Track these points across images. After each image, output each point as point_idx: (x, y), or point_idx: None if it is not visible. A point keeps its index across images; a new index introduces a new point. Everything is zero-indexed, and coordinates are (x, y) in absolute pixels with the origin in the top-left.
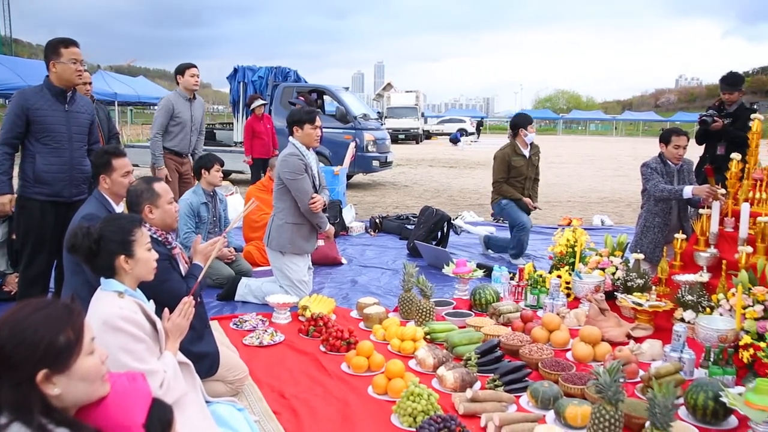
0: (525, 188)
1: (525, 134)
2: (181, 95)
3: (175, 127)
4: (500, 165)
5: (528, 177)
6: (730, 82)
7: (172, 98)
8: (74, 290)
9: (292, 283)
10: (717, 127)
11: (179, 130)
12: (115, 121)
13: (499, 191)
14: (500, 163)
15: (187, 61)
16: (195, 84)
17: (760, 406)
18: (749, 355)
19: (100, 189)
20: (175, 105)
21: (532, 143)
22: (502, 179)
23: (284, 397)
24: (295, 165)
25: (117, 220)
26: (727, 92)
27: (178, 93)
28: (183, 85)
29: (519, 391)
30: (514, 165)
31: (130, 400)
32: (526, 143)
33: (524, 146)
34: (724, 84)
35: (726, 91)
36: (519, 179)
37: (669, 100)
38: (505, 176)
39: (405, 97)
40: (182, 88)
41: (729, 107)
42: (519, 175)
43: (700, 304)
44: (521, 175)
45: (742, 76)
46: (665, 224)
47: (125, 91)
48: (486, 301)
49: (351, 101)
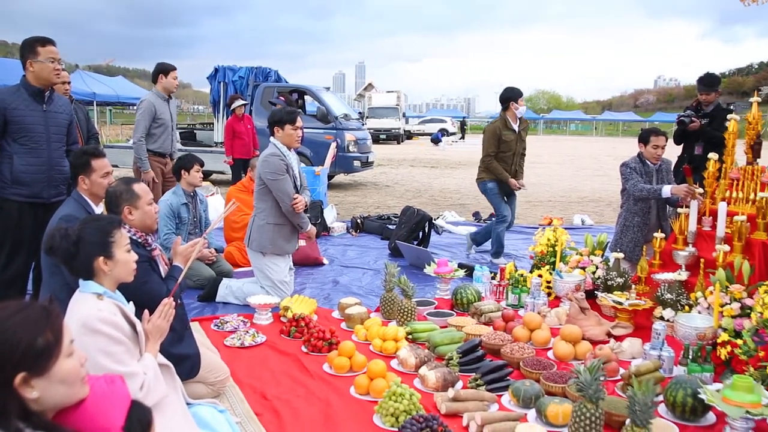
0: (513, 164)
1: (516, 107)
2: (159, 96)
3: (157, 129)
4: (490, 139)
5: (516, 152)
6: (706, 83)
7: (153, 100)
8: (52, 292)
9: (273, 284)
10: (695, 128)
11: (162, 131)
12: (94, 121)
13: (488, 167)
14: (490, 137)
15: (167, 62)
16: (176, 86)
17: (737, 403)
18: (727, 353)
19: (79, 190)
20: (156, 107)
21: (521, 118)
22: (492, 153)
23: (266, 398)
24: (276, 165)
25: (96, 222)
26: (704, 93)
27: (156, 94)
28: (164, 85)
29: (501, 390)
30: (505, 139)
31: (108, 402)
32: (516, 117)
33: (514, 120)
34: (701, 85)
35: (703, 92)
36: (508, 154)
37: (648, 100)
38: (495, 150)
39: (386, 98)
40: (161, 88)
41: (706, 107)
42: (508, 150)
43: (679, 303)
44: (510, 150)
45: (719, 77)
46: (644, 223)
47: (104, 91)
48: (467, 301)
49: (332, 101)
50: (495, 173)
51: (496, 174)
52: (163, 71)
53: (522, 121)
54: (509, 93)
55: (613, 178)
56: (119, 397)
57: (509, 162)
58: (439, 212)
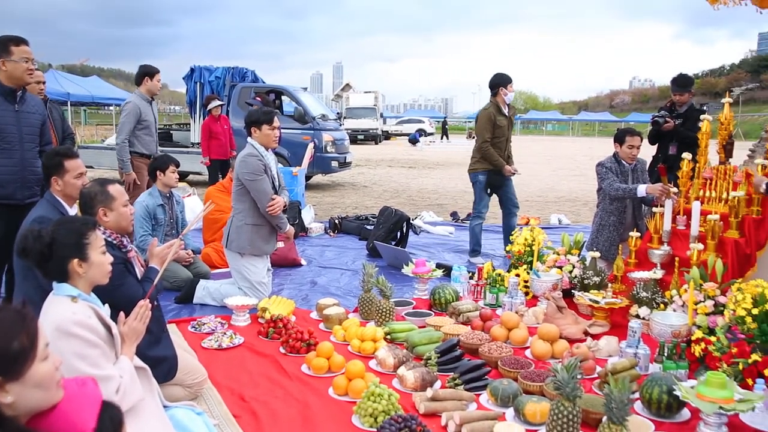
0: (505, 150)
1: (505, 93)
2: (143, 98)
3: (142, 131)
4: (486, 124)
5: (508, 138)
6: (680, 84)
7: (137, 102)
8: (25, 295)
9: (252, 285)
10: (669, 128)
11: (146, 132)
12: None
13: (484, 155)
14: (486, 122)
15: (151, 65)
16: (159, 88)
17: (711, 399)
18: (701, 349)
19: (52, 191)
20: (141, 109)
21: (509, 104)
22: (488, 139)
23: (244, 400)
24: (254, 166)
25: (70, 223)
26: (678, 93)
27: (140, 96)
28: (148, 88)
29: (479, 389)
30: (499, 125)
31: (80, 404)
32: (505, 102)
33: (504, 106)
34: (675, 85)
35: (677, 92)
36: (501, 140)
37: (623, 100)
38: (491, 136)
39: (364, 98)
40: (145, 90)
41: (680, 108)
42: (501, 135)
43: (654, 301)
44: (503, 135)
45: (692, 78)
46: (620, 222)
47: (78, 91)
48: (445, 301)
49: (309, 102)
50: (491, 160)
51: (492, 161)
52: (148, 74)
53: (510, 107)
54: (498, 79)
55: (590, 178)
56: (90, 398)
57: (503, 148)
58: (416, 212)
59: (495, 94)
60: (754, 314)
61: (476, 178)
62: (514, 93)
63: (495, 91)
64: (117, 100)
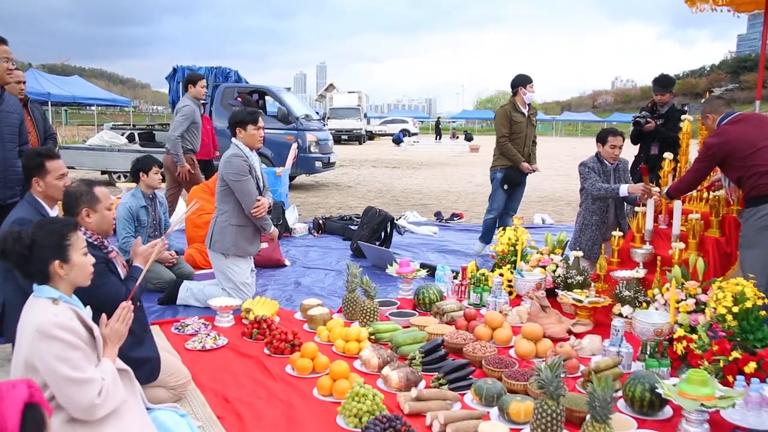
0: (525, 146)
1: (524, 93)
2: (194, 102)
3: (193, 130)
4: (502, 120)
5: (527, 136)
6: (662, 84)
7: (193, 105)
8: (6, 297)
9: (235, 286)
10: (650, 128)
11: (194, 131)
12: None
13: (503, 151)
14: (502, 118)
15: (193, 72)
16: (204, 93)
17: (693, 396)
18: (683, 347)
19: (33, 192)
20: (195, 111)
21: (529, 105)
22: (506, 134)
23: (228, 402)
24: (238, 166)
25: (51, 224)
26: (659, 93)
27: (191, 100)
28: (194, 93)
29: (463, 389)
30: (515, 121)
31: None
32: (525, 102)
33: (523, 105)
34: (657, 86)
35: (658, 92)
36: (520, 136)
37: (606, 101)
38: (509, 132)
39: (347, 98)
40: (192, 95)
41: (661, 108)
42: (519, 132)
43: (636, 300)
44: (521, 132)
45: (673, 78)
46: (603, 222)
47: (59, 91)
48: (430, 301)
49: (293, 102)
50: (508, 155)
51: (510, 156)
52: (191, 81)
53: (530, 107)
54: (518, 79)
55: (573, 178)
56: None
57: (521, 144)
58: (401, 212)
59: (515, 93)
60: (734, 312)
61: (494, 176)
62: (533, 92)
63: (515, 90)
64: (98, 100)
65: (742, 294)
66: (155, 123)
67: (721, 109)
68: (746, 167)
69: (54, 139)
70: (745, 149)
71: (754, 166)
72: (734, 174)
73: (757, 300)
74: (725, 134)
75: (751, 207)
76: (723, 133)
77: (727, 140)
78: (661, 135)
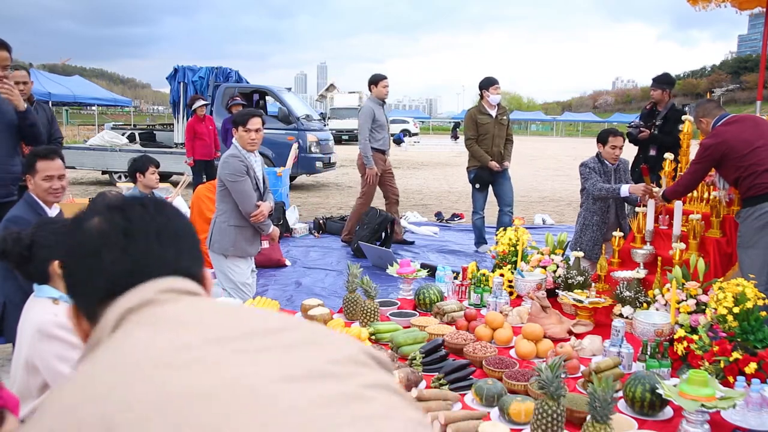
0: (492, 146)
1: (488, 95)
2: (375, 102)
3: (376, 130)
4: (468, 123)
5: (495, 135)
6: (659, 80)
7: (371, 105)
8: (6, 296)
9: (236, 286)
10: (644, 137)
11: (379, 131)
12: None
13: (471, 152)
14: (468, 121)
15: (377, 73)
16: (387, 93)
17: (693, 396)
18: (683, 348)
19: (30, 191)
20: (374, 111)
21: (499, 104)
22: (472, 137)
23: None
24: (234, 166)
25: (50, 224)
26: (655, 89)
27: (372, 100)
28: (376, 93)
29: (464, 389)
30: (480, 122)
31: None
32: (490, 104)
33: (489, 107)
34: (655, 82)
35: (655, 89)
36: (486, 137)
37: (606, 101)
38: (475, 134)
39: (348, 98)
40: (375, 95)
41: (661, 108)
42: (485, 132)
43: (637, 300)
44: (487, 132)
45: (673, 77)
46: (603, 222)
47: (60, 91)
48: (430, 301)
49: (294, 102)
50: (476, 156)
51: (476, 156)
52: (373, 81)
53: (500, 107)
54: (482, 82)
55: (573, 178)
56: None
57: (488, 144)
58: (401, 213)
59: (481, 96)
60: (735, 313)
61: (469, 176)
62: (499, 95)
63: (480, 93)
64: (99, 100)
65: (743, 294)
66: (156, 123)
67: (714, 112)
68: (743, 167)
69: (59, 142)
70: (741, 149)
71: (751, 166)
72: (731, 175)
73: (758, 300)
74: (721, 135)
75: (749, 206)
76: (719, 134)
77: (723, 140)
78: (657, 141)
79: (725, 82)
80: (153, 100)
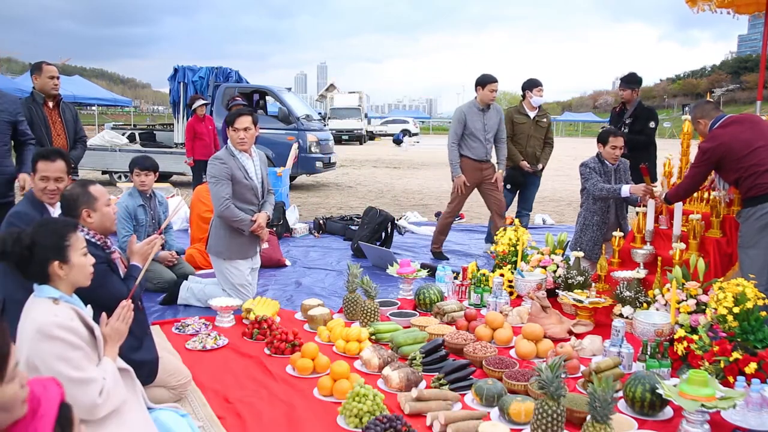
0: (527, 146)
1: (530, 96)
2: (475, 107)
3: (468, 136)
4: (506, 121)
5: (531, 136)
6: (626, 80)
7: (465, 110)
8: (8, 294)
9: (234, 287)
10: None
11: (471, 138)
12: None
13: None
14: (506, 121)
15: (486, 74)
16: (493, 98)
17: (693, 396)
18: (683, 348)
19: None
20: (467, 116)
21: (540, 106)
22: (510, 136)
23: (228, 402)
24: (213, 169)
25: (50, 225)
26: (622, 88)
27: (472, 104)
28: (480, 97)
29: (464, 389)
30: (516, 122)
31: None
32: (532, 105)
33: (530, 108)
34: (622, 82)
35: (622, 88)
36: (521, 137)
37: (607, 101)
38: (511, 133)
39: (348, 98)
40: (479, 100)
41: (629, 107)
42: (521, 133)
43: (637, 300)
44: (523, 133)
45: (639, 77)
46: (604, 222)
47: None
48: (430, 301)
49: (293, 102)
50: (509, 154)
51: (510, 155)
52: (481, 83)
53: (540, 109)
54: (525, 83)
55: (573, 178)
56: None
57: (523, 144)
58: (401, 213)
59: (522, 96)
60: (735, 313)
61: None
62: (542, 97)
63: (522, 94)
64: (99, 99)
65: (743, 295)
66: (156, 123)
67: (712, 113)
68: (743, 168)
69: (83, 141)
70: (740, 150)
71: (751, 167)
72: (731, 176)
73: (758, 300)
74: (719, 137)
75: (750, 207)
76: (716, 137)
77: (721, 143)
78: (629, 143)
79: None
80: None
